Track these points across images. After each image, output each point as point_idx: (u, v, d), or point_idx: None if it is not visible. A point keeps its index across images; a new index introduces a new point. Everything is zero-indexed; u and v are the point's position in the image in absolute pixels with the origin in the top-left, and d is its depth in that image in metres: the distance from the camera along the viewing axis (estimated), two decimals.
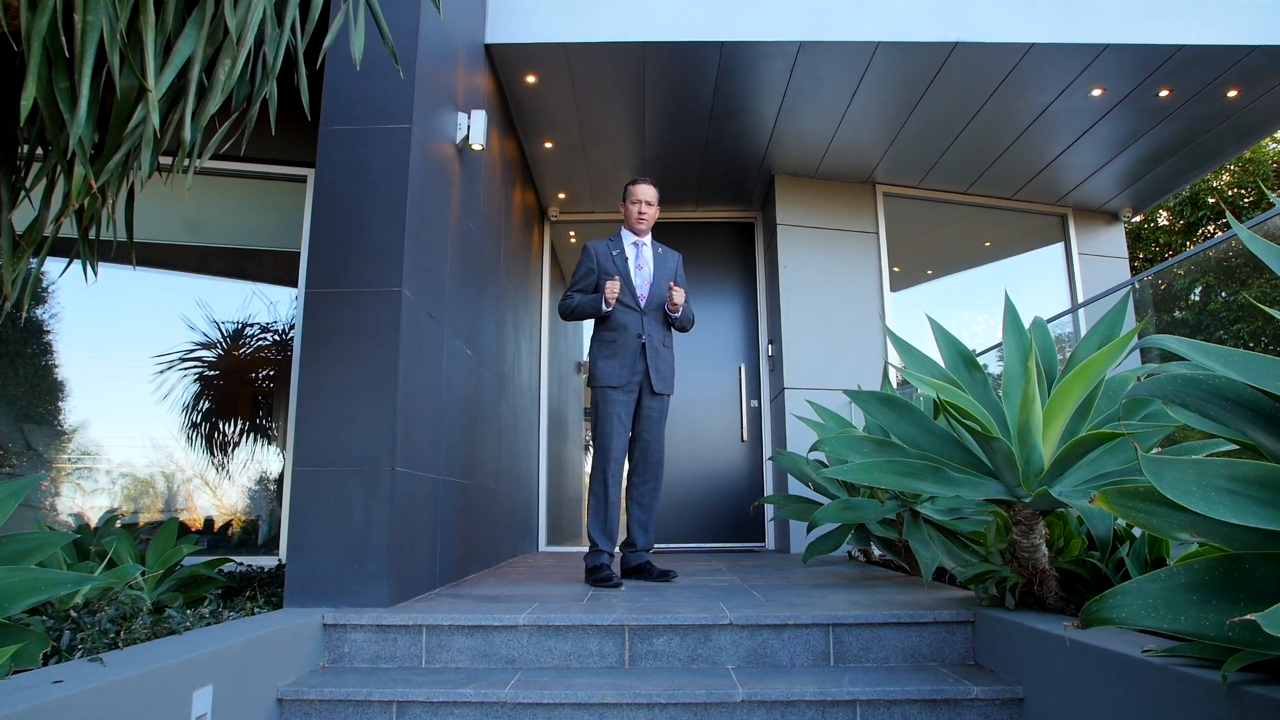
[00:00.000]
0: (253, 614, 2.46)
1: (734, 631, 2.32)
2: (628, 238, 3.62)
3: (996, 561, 2.29)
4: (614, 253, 3.56)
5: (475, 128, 3.53)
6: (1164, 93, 4.60)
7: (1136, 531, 2.19)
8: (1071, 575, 2.25)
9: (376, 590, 2.51)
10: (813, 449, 2.43)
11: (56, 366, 4.75)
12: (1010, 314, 2.28)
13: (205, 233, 4.98)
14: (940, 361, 2.37)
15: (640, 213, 3.57)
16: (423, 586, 2.92)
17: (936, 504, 3.19)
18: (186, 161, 1.76)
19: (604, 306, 3.43)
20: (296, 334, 4.68)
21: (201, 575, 2.76)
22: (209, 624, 2.23)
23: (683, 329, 3.66)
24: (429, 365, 3.02)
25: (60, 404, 4.76)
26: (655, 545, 3.75)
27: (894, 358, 5.55)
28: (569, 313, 3.57)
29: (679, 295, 3.46)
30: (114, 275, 4.86)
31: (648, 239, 3.65)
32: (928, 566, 2.74)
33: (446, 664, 2.34)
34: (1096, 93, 4.60)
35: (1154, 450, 2.08)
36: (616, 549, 3.48)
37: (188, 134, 1.60)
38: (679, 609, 2.45)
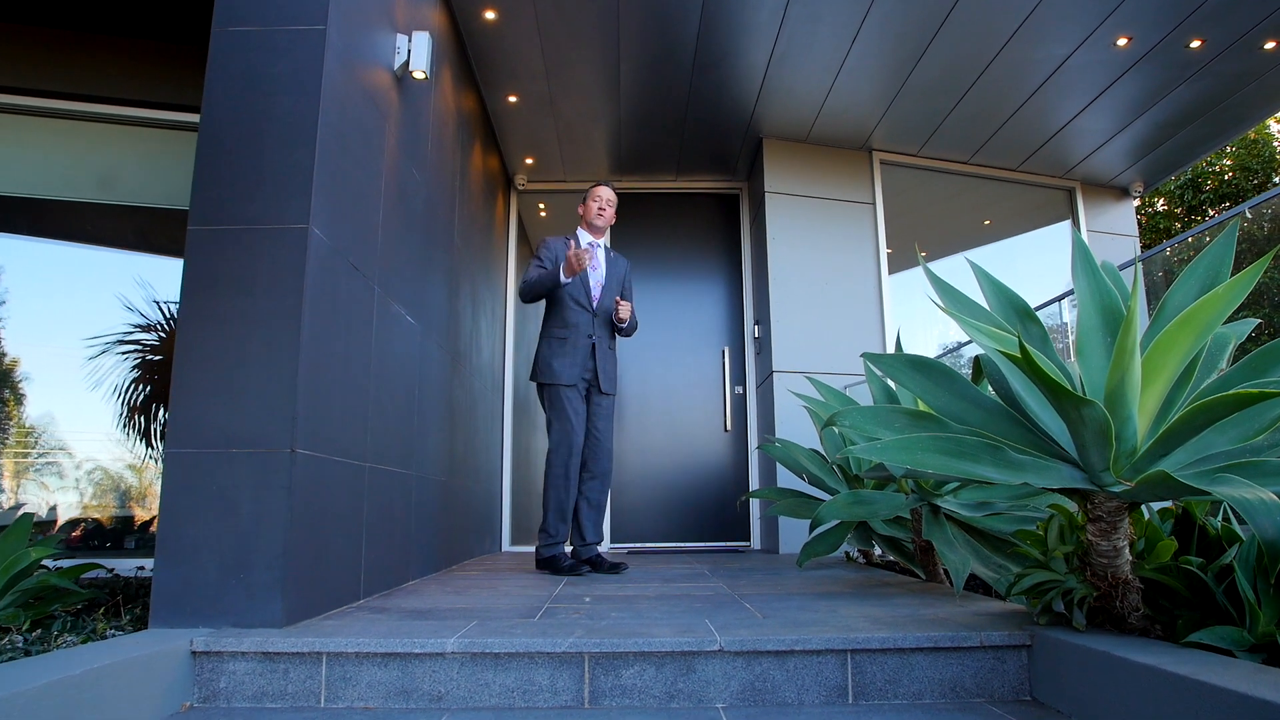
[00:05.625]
0: (104, 638, 1.90)
1: (725, 660, 1.80)
2: (584, 237, 3.69)
3: (1060, 569, 1.79)
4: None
5: (417, 52, 2.97)
6: (1195, 43, 4.15)
7: (1244, 530, 1.71)
8: (1154, 587, 1.77)
9: (268, 606, 1.96)
10: (826, 425, 1.91)
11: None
12: (1081, 253, 1.79)
13: (120, 190, 4.36)
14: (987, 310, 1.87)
15: (600, 209, 3.65)
16: (340, 598, 2.37)
17: (960, 497, 2.70)
18: None
19: (563, 278, 3.46)
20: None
21: (54, 586, 2.19)
22: (29, 653, 1.68)
23: (627, 335, 3.76)
24: (352, 327, 2.47)
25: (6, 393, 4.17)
26: (630, 546, 3.72)
27: (890, 339, 5.07)
28: (528, 289, 3.58)
29: (625, 310, 3.56)
30: (53, 253, 4.29)
31: (601, 241, 3.73)
32: (958, 573, 2.24)
33: (352, 702, 1.80)
34: (1122, 42, 4.14)
35: None
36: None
37: None
38: (654, 629, 1.94)
